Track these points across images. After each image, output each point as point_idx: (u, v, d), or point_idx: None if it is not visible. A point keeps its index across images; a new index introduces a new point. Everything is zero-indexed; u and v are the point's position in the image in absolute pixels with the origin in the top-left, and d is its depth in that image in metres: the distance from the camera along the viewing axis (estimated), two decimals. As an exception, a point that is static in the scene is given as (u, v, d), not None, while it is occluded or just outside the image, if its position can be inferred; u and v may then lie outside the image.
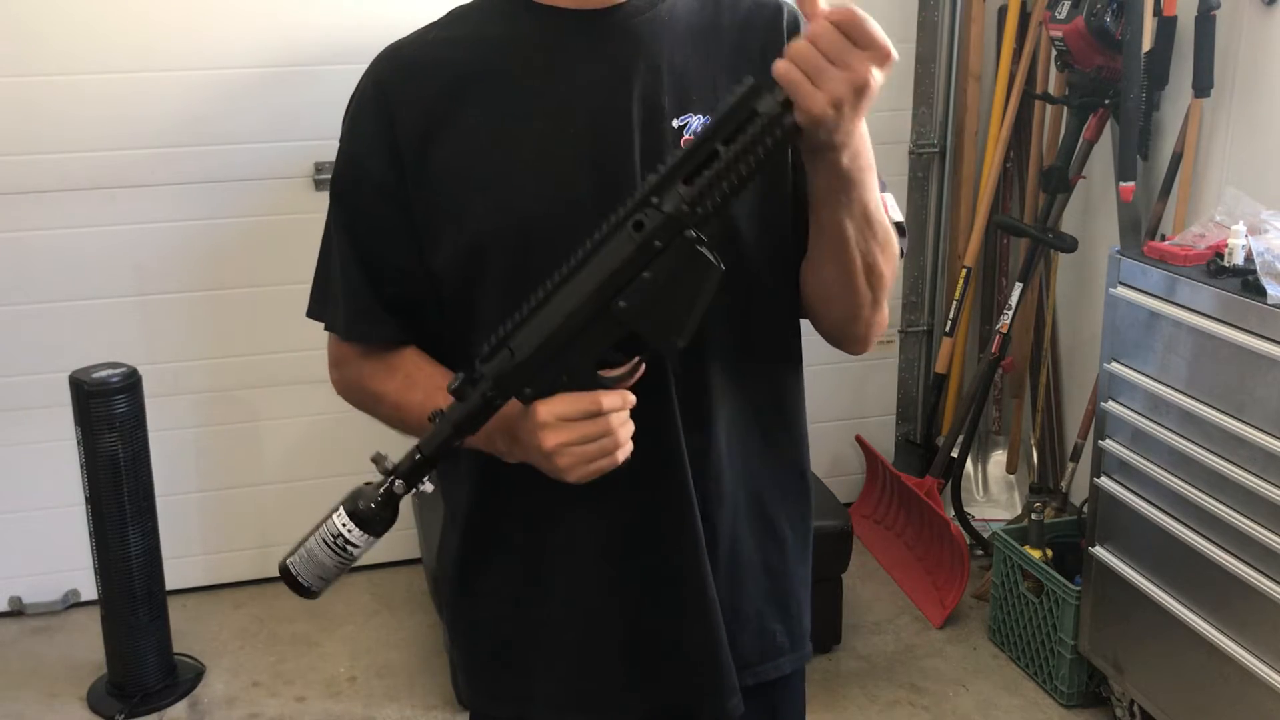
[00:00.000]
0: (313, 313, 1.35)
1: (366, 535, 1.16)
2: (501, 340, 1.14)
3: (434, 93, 1.24)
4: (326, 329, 1.34)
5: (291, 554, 1.19)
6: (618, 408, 1.14)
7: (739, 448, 1.31)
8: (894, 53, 1.04)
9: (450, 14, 1.31)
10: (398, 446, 1.20)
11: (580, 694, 1.34)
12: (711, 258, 1.12)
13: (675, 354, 1.16)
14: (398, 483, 1.17)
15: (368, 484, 1.18)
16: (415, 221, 1.25)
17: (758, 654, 1.37)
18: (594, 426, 1.14)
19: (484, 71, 1.24)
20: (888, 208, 1.29)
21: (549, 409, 1.13)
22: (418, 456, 1.17)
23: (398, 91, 1.24)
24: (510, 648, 1.36)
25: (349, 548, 1.16)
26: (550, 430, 1.13)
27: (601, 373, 1.16)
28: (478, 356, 1.15)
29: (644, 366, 1.16)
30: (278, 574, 1.20)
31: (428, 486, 1.18)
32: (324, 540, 1.17)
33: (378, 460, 1.18)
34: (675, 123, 1.23)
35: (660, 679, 1.33)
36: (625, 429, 1.16)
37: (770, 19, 1.29)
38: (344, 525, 1.16)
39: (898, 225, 1.32)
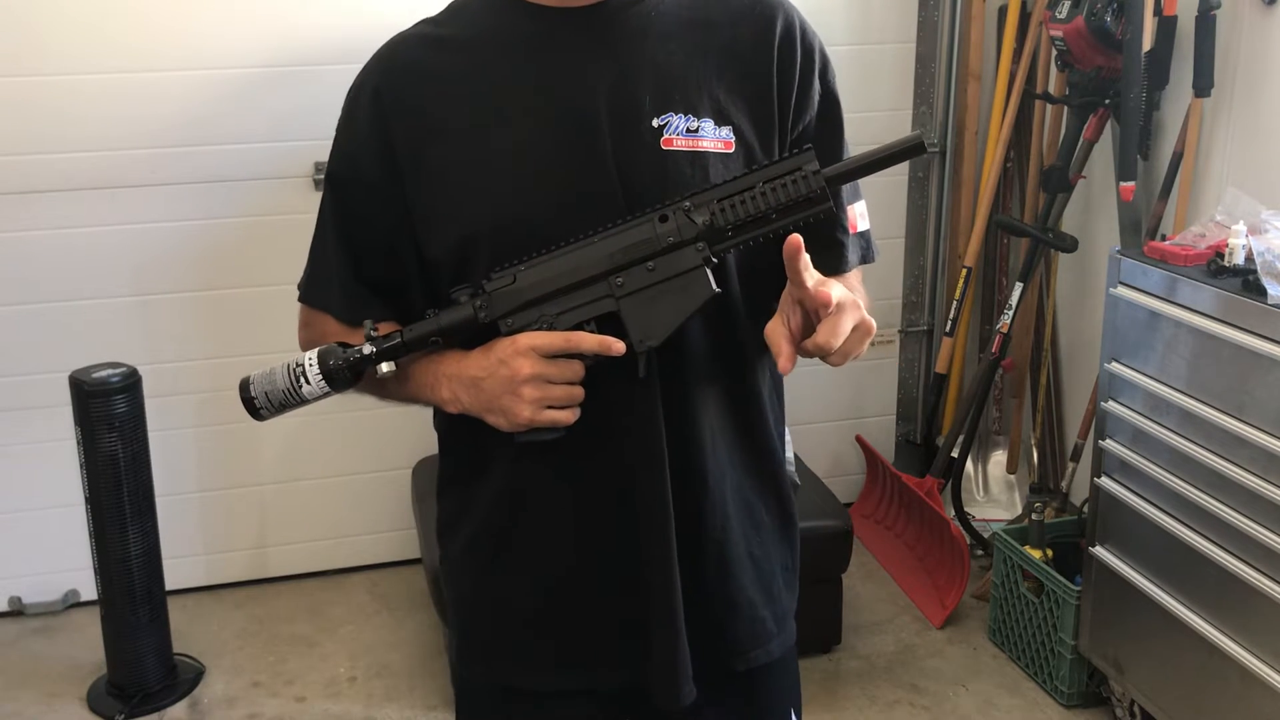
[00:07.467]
0: (301, 295, 1.40)
1: (321, 378, 1.24)
2: (511, 269, 1.23)
3: (426, 98, 1.27)
4: (318, 308, 1.37)
5: (258, 371, 1.28)
6: (592, 349, 1.20)
7: (722, 441, 1.34)
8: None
9: (449, 8, 1.34)
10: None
11: (564, 661, 1.37)
12: (709, 278, 1.20)
13: (643, 352, 1.21)
14: (369, 348, 1.25)
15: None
16: (411, 215, 1.29)
17: (750, 640, 1.40)
18: (569, 368, 1.20)
19: (472, 75, 1.27)
20: (857, 220, 1.35)
21: (530, 338, 1.21)
22: (398, 340, 1.25)
23: (393, 96, 1.28)
24: (511, 615, 1.38)
25: (301, 382, 1.24)
26: (528, 360, 1.20)
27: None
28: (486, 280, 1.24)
29: (620, 349, 1.20)
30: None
31: (387, 368, 1.25)
32: (288, 366, 1.26)
33: (364, 326, 1.27)
34: (655, 122, 1.24)
35: (626, 658, 1.35)
36: (579, 393, 1.22)
37: (765, 22, 1.29)
38: (309, 360, 1.25)
39: (863, 235, 1.37)
